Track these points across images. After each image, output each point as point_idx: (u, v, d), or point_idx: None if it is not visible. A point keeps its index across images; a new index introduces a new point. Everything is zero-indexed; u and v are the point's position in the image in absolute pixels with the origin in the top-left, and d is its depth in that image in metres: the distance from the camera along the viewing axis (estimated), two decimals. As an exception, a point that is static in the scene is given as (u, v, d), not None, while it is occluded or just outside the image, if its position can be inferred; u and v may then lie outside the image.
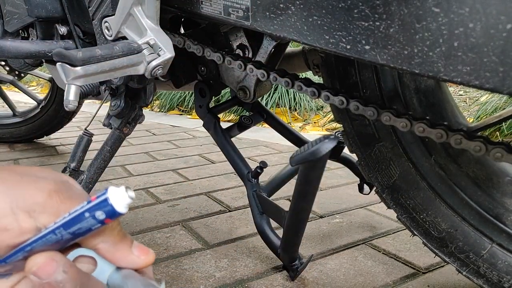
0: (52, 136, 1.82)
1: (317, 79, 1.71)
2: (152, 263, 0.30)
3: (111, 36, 0.64)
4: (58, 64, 0.55)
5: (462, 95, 2.32)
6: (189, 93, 2.60)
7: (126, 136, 0.83)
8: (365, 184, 0.94)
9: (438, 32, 0.37)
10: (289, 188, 0.85)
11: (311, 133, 2.06)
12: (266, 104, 2.35)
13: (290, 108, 2.36)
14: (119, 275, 0.29)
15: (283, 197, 1.09)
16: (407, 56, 0.39)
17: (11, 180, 0.28)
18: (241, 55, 0.73)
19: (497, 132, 1.64)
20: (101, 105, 0.82)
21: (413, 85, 0.61)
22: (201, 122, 0.84)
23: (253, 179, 0.77)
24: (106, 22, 0.64)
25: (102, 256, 0.29)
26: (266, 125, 0.93)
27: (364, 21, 0.41)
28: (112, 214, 0.26)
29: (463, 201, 0.60)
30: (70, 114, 1.65)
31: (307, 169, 0.53)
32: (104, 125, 0.83)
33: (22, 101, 2.54)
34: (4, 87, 1.73)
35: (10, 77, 1.57)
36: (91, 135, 0.81)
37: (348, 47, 0.43)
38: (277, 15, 0.48)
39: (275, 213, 0.71)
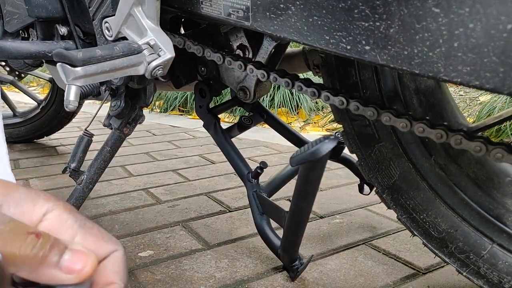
0: (52, 136, 1.82)
1: (317, 79, 1.71)
2: (89, 274, 0.24)
3: (111, 36, 0.64)
4: (58, 64, 0.55)
5: (462, 95, 2.32)
6: (189, 93, 2.60)
7: (126, 136, 0.83)
8: (365, 185, 0.94)
9: (438, 33, 0.37)
10: (289, 188, 0.85)
11: (311, 134, 2.06)
12: (270, 105, 2.35)
13: (290, 108, 2.36)
14: None
15: (283, 197, 1.09)
16: (407, 57, 0.39)
17: None
18: (241, 55, 0.73)
19: (497, 132, 1.64)
20: (101, 105, 0.82)
21: (413, 86, 0.61)
22: (201, 122, 0.84)
23: (253, 180, 0.77)
24: (106, 22, 0.64)
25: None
26: (266, 125, 0.93)
27: (364, 22, 0.41)
28: None
29: (463, 201, 0.60)
30: (70, 115, 1.65)
31: (307, 169, 0.53)
32: (104, 125, 0.83)
33: (22, 101, 2.54)
34: (4, 88, 1.73)
35: (10, 78, 1.58)
36: (91, 135, 0.81)
37: (348, 47, 0.43)
38: (277, 15, 0.48)
39: (275, 213, 0.71)
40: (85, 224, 0.27)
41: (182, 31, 0.82)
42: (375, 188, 0.67)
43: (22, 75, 1.58)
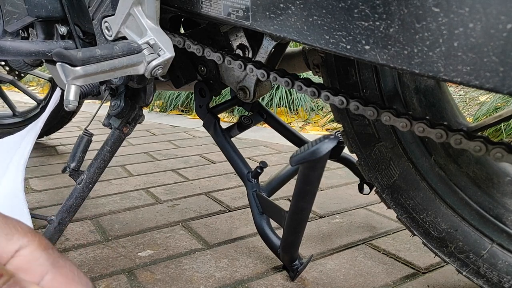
0: (52, 136, 1.82)
1: (317, 79, 1.71)
2: None
3: (111, 36, 0.64)
4: (58, 64, 0.55)
5: (462, 95, 2.32)
6: (189, 93, 2.60)
7: (126, 136, 0.83)
8: (365, 184, 0.94)
9: (438, 32, 0.36)
10: (289, 188, 0.85)
11: (311, 133, 2.06)
12: (270, 103, 2.35)
13: (290, 108, 2.36)
14: None
15: (283, 197, 1.09)
16: (407, 56, 0.39)
17: None
18: (241, 55, 0.73)
19: (499, 132, 1.64)
20: (101, 105, 0.82)
21: (413, 85, 0.61)
22: (201, 122, 0.84)
23: (253, 179, 0.77)
24: (106, 22, 0.64)
25: None
26: (266, 125, 0.93)
27: (364, 21, 0.41)
28: None
29: (463, 201, 0.60)
30: (70, 114, 1.65)
31: (307, 169, 0.53)
32: (104, 125, 0.83)
33: (22, 101, 2.54)
34: (4, 87, 1.73)
35: (10, 77, 1.57)
36: (91, 135, 0.81)
37: (348, 47, 0.43)
38: (277, 15, 0.48)
39: (275, 213, 0.71)
40: (58, 262, 0.27)
41: (182, 31, 0.82)
42: (375, 188, 0.67)
43: (22, 74, 1.58)
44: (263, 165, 0.76)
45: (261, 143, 1.76)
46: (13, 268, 0.26)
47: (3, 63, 1.35)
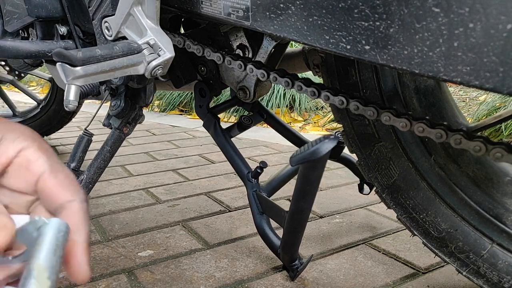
0: (52, 136, 1.82)
1: (317, 79, 1.71)
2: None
3: (111, 36, 0.64)
4: (58, 64, 0.55)
5: (462, 95, 2.32)
6: (189, 93, 2.60)
7: (126, 136, 0.83)
8: (365, 184, 0.94)
9: (438, 32, 0.36)
10: (289, 188, 0.85)
11: (311, 133, 2.06)
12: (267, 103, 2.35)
13: (290, 108, 2.36)
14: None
15: (283, 197, 1.09)
16: (407, 56, 0.39)
17: None
18: (241, 55, 0.73)
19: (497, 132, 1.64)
20: (101, 105, 0.82)
21: (413, 85, 0.61)
22: (201, 122, 0.84)
23: (253, 179, 0.77)
24: (106, 22, 0.64)
25: None
26: (266, 125, 0.93)
27: (364, 21, 0.41)
28: None
29: (463, 201, 0.60)
30: (70, 114, 1.65)
31: (307, 169, 0.53)
32: (104, 125, 0.83)
33: (22, 101, 2.54)
34: (4, 87, 1.73)
35: (10, 77, 1.58)
36: (91, 135, 0.81)
37: (348, 47, 0.43)
38: (277, 15, 0.48)
39: (275, 213, 0.71)
40: (55, 166, 0.30)
41: (182, 31, 0.82)
42: (375, 188, 0.67)
43: (22, 74, 1.58)
44: (263, 165, 0.76)
45: (261, 143, 1.76)
46: (16, 166, 0.30)
47: (3, 63, 1.35)
